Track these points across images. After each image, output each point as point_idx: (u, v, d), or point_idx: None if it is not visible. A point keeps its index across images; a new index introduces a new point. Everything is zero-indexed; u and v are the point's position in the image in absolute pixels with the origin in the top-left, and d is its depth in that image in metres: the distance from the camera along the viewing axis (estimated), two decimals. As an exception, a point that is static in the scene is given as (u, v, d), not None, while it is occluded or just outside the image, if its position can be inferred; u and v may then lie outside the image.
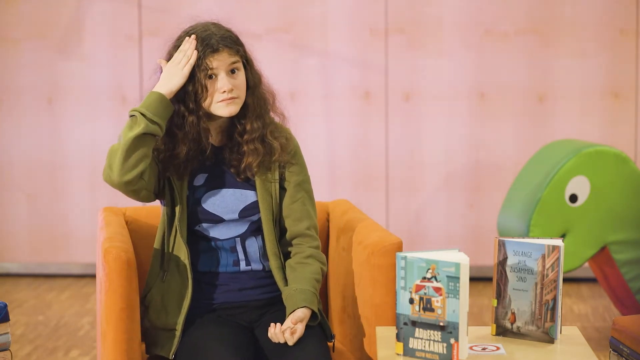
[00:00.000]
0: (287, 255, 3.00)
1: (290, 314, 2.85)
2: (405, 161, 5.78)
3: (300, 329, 2.82)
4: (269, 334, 2.83)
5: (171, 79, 2.86)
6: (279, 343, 2.82)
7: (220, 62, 2.88)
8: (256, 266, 2.98)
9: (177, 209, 2.92)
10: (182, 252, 2.92)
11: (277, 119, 3.04)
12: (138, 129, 2.80)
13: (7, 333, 3.02)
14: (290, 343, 2.81)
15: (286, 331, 2.81)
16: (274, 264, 2.96)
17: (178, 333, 2.87)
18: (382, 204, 5.80)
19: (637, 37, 5.66)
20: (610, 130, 5.69)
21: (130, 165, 2.80)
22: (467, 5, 5.69)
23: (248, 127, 2.94)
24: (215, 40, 2.89)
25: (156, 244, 2.97)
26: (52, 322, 5.02)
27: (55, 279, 5.89)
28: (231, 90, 2.88)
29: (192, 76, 2.88)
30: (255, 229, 2.97)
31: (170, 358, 2.86)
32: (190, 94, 2.89)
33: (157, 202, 3.03)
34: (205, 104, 2.89)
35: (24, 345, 4.63)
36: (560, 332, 2.71)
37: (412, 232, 5.79)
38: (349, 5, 5.75)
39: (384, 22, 5.73)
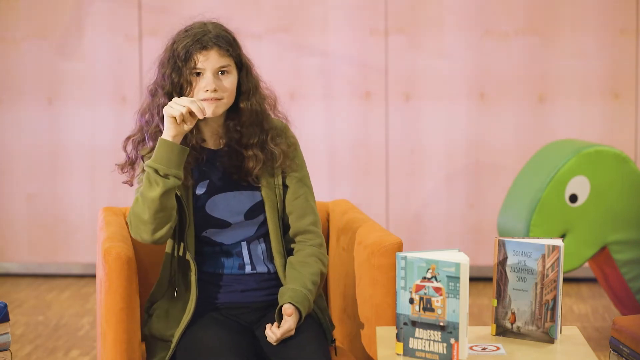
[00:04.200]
0: (290, 252, 2.99)
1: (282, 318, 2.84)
2: (405, 161, 5.77)
3: (284, 327, 2.81)
4: (265, 333, 2.83)
5: (173, 123, 2.78)
6: (279, 344, 2.82)
7: (208, 61, 2.83)
8: (261, 269, 2.96)
9: (185, 220, 2.88)
10: (189, 268, 2.89)
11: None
12: (158, 189, 2.75)
13: (7, 333, 3.02)
14: (272, 342, 2.81)
15: (273, 331, 2.81)
16: (278, 263, 2.95)
17: (172, 345, 2.84)
18: (382, 204, 5.80)
19: (637, 37, 5.66)
20: (610, 130, 5.69)
21: (159, 224, 2.79)
22: (467, 5, 5.69)
23: (245, 133, 2.90)
24: (207, 37, 2.84)
25: (165, 262, 2.95)
26: (52, 322, 5.02)
27: (55, 279, 5.89)
28: (214, 91, 2.82)
29: (179, 68, 2.84)
30: (262, 233, 2.96)
31: None
32: (176, 85, 2.85)
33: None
34: None
35: (24, 345, 4.62)
36: (560, 332, 2.71)
37: (412, 232, 5.79)
38: (349, 5, 5.74)
39: (384, 22, 5.73)
